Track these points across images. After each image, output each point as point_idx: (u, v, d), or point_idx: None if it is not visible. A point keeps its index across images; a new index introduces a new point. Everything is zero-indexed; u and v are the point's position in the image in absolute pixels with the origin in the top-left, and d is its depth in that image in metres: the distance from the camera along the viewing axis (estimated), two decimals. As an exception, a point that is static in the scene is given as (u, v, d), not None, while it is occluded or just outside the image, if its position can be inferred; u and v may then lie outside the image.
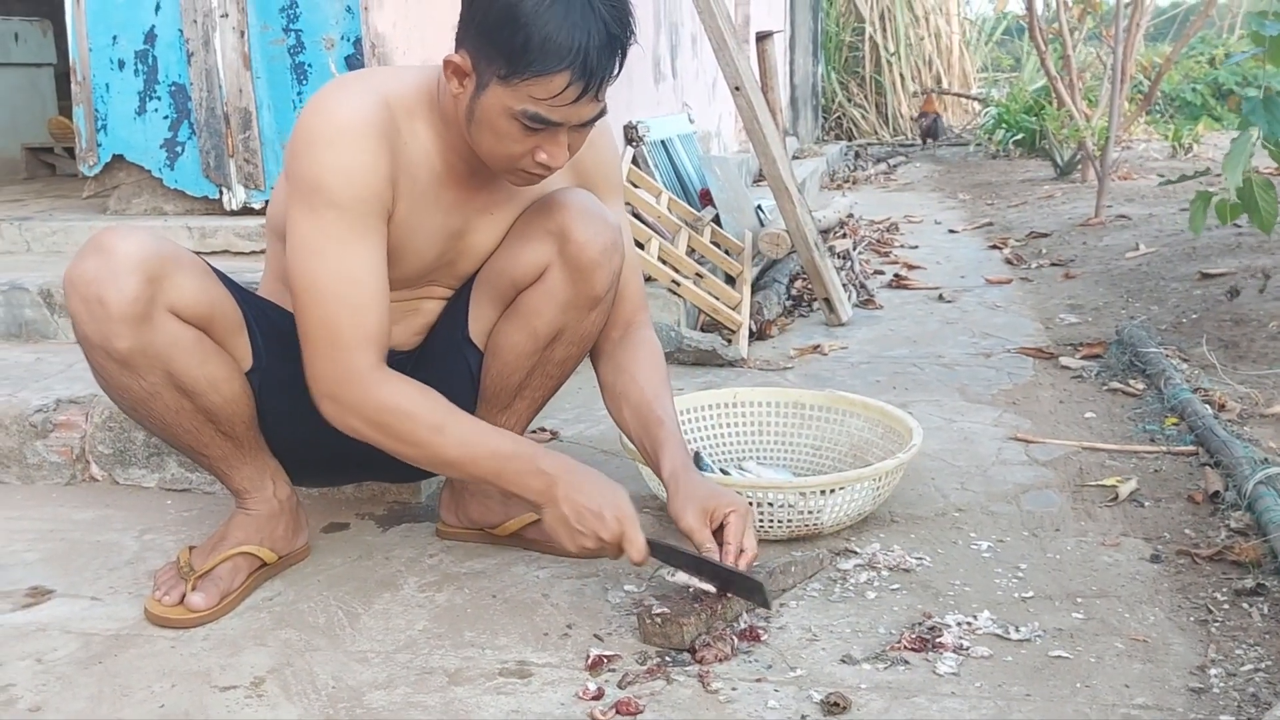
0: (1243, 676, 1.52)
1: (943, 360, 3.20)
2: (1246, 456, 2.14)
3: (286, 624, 1.74)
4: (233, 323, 1.77)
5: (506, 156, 1.66)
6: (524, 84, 1.56)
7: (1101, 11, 7.29)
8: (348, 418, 1.68)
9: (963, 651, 1.60)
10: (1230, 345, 3.11)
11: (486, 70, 1.59)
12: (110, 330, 1.62)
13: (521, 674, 1.58)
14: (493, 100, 1.60)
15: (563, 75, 1.55)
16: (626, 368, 1.93)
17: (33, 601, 1.83)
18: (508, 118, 1.60)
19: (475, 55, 1.60)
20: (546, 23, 1.53)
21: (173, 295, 1.66)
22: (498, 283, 1.87)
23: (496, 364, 1.91)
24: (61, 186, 4.51)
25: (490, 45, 1.57)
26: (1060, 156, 7.47)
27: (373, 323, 1.67)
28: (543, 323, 1.85)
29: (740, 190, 4.45)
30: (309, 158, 1.64)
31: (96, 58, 3.24)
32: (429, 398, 1.70)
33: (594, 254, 1.79)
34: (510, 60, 1.55)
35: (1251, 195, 2.93)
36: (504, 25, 1.54)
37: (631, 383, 1.91)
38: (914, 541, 1.99)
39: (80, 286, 1.62)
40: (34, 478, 2.34)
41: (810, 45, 10.66)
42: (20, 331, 2.83)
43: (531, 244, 1.82)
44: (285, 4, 3.10)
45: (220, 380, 1.74)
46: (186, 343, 1.69)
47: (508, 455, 1.69)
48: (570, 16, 1.54)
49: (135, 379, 1.68)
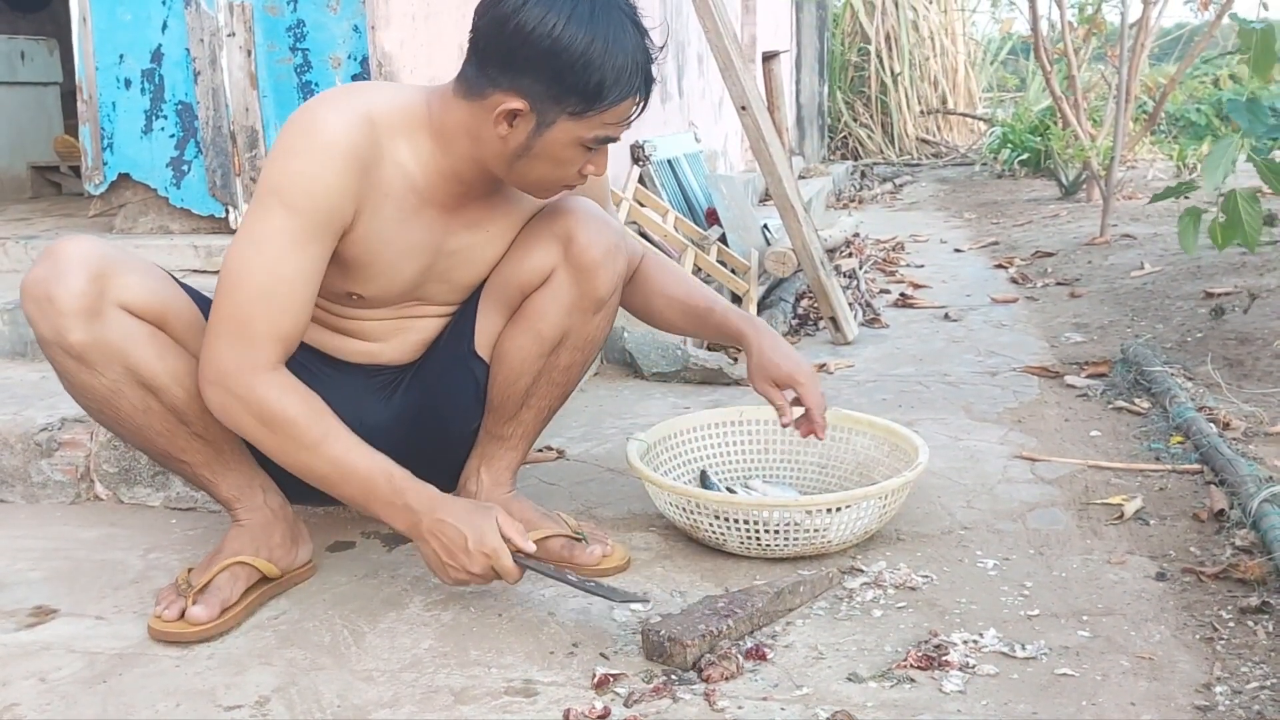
0: (1248, 694, 1.51)
1: (948, 379, 3.20)
2: (1251, 475, 2.14)
3: (291, 643, 1.73)
4: (189, 323, 1.78)
5: (560, 180, 1.76)
6: (598, 115, 1.66)
7: (1106, 32, 7.30)
8: (231, 411, 1.69)
9: (969, 669, 1.60)
10: (1235, 364, 3.10)
11: (553, 109, 1.66)
12: (61, 324, 1.66)
13: (527, 693, 1.57)
14: (560, 135, 1.68)
15: (631, 99, 1.69)
16: (653, 283, 2.09)
17: (37, 620, 1.83)
18: (575, 147, 1.70)
19: (535, 98, 1.65)
20: (615, 57, 1.63)
21: (122, 292, 1.70)
22: (504, 290, 1.90)
23: (503, 371, 1.92)
24: (67, 205, 4.53)
25: (558, 87, 1.63)
26: (1065, 176, 7.47)
27: (287, 326, 1.69)
28: (548, 325, 1.88)
29: (746, 209, 4.46)
30: (276, 163, 1.68)
31: (103, 76, 3.26)
32: (315, 409, 1.70)
33: (597, 255, 1.85)
34: (586, 98, 1.64)
35: (1236, 210, 2.92)
36: (575, 68, 1.62)
37: (664, 299, 2.09)
38: (920, 560, 1.99)
39: (30, 289, 1.68)
40: (38, 496, 2.34)
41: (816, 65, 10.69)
42: (26, 350, 2.83)
43: (537, 249, 1.87)
44: (292, 23, 3.11)
45: (182, 374, 1.75)
46: (141, 336, 1.71)
47: (376, 485, 1.71)
48: (625, 45, 1.64)
49: (95, 376, 1.71)
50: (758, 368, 2.05)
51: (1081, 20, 7.26)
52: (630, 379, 3.23)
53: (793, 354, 2.07)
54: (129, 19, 3.21)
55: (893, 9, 11.80)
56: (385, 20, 2.96)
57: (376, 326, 1.92)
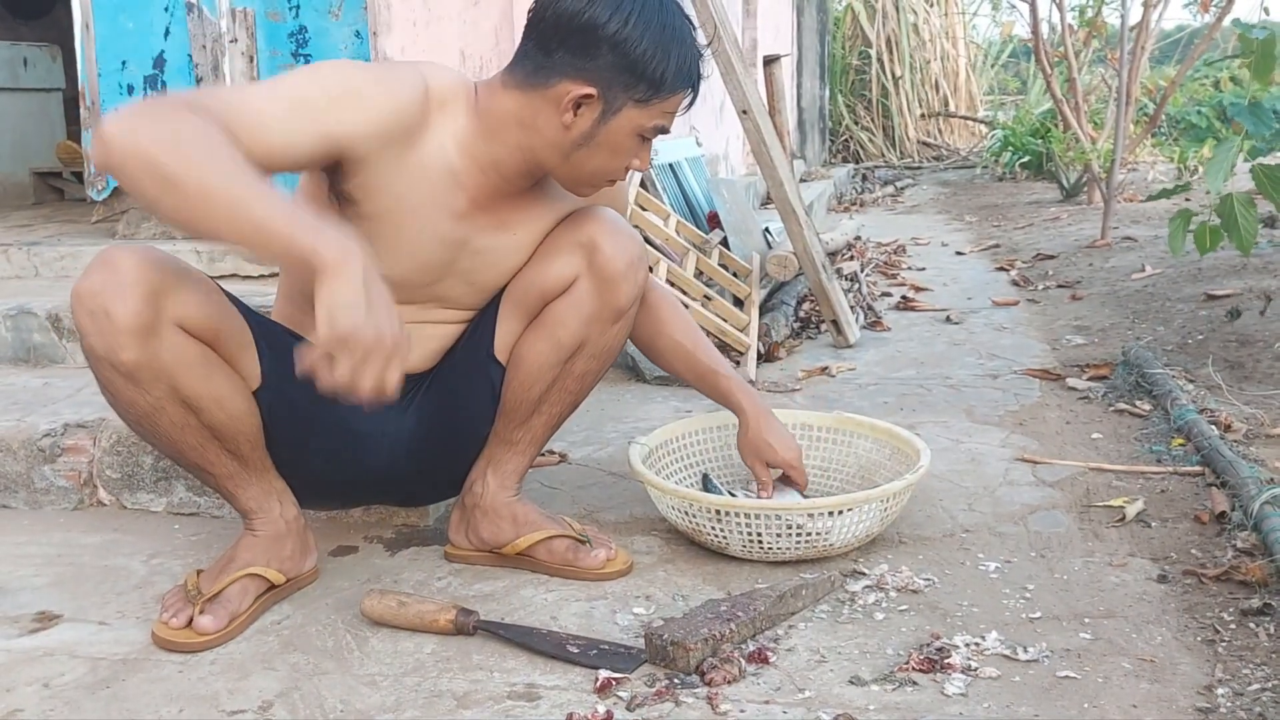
0: (1250, 696, 1.52)
1: (950, 381, 3.20)
2: (1252, 476, 2.14)
3: (295, 648, 1.74)
4: (240, 340, 1.78)
5: (613, 171, 1.82)
6: (660, 103, 1.75)
7: (1107, 34, 7.31)
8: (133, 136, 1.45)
9: (971, 672, 1.60)
10: (1236, 366, 3.11)
11: (621, 96, 1.73)
12: (116, 342, 1.63)
13: (530, 696, 1.58)
14: (624, 122, 1.75)
15: (687, 91, 1.79)
16: (660, 324, 2.10)
17: (40, 626, 1.83)
18: (634, 136, 1.77)
19: (605, 84, 1.72)
20: (679, 47, 1.74)
21: (178, 309, 1.67)
22: (526, 295, 1.91)
23: (519, 375, 1.93)
24: (70, 211, 4.53)
25: (630, 75, 1.71)
26: (1066, 179, 7.47)
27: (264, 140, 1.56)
28: (567, 333, 1.89)
29: (748, 213, 4.46)
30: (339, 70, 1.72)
31: (106, 82, 3.26)
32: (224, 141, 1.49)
33: (621, 266, 1.87)
34: (654, 85, 1.73)
35: (1231, 213, 2.92)
36: (645, 57, 1.71)
37: (671, 341, 2.12)
38: (922, 562, 1.99)
39: (86, 300, 1.63)
40: (42, 502, 2.34)
41: (817, 69, 10.70)
42: (29, 356, 2.84)
43: (561, 256, 1.88)
44: (294, 29, 3.12)
45: (225, 397, 1.75)
46: (191, 357, 1.70)
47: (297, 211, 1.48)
48: (684, 38, 1.76)
49: (141, 393, 1.69)
50: (751, 444, 2.12)
51: (1082, 23, 7.27)
52: (632, 382, 3.23)
53: (787, 437, 2.13)
54: (131, 26, 3.22)
55: (894, 12, 11.81)
56: (387, 26, 2.97)
57: None
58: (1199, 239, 3.02)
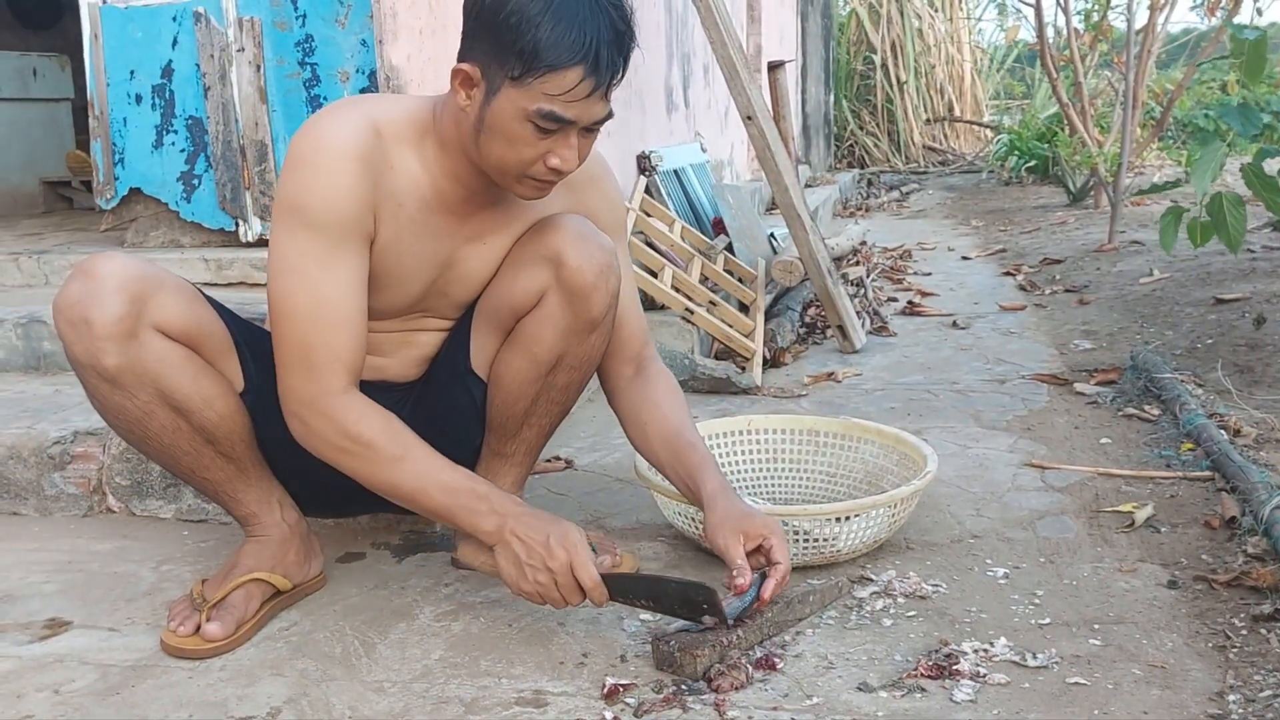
0: (1261, 703, 1.51)
1: (957, 387, 3.20)
2: (1263, 481, 2.14)
3: (303, 654, 1.74)
4: (221, 344, 1.79)
5: (519, 163, 1.68)
6: (538, 81, 1.60)
7: (1113, 38, 7.31)
8: (312, 438, 1.72)
9: (979, 679, 1.60)
10: (1245, 370, 3.10)
11: (498, 74, 1.62)
12: (97, 348, 1.65)
13: (538, 703, 1.58)
14: (505, 104, 1.63)
15: (575, 70, 1.60)
16: (647, 401, 1.97)
17: (50, 633, 1.84)
18: (521, 120, 1.63)
19: (485, 62, 1.64)
20: (559, 20, 1.58)
21: (157, 314, 1.69)
22: (497, 311, 1.88)
23: (500, 394, 1.91)
24: (79, 220, 4.55)
25: (501, 48, 1.60)
26: (1073, 183, 7.47)
27: (344, 344, 1.70)
28: (544, 349, 1.85)
29: (753, 218, 4.46)
30: (292, 179, 1.68)
31: (114, 92, 3.27)
32: (392, 428, 1.72)
33: (590, 277, 1.80)
34: (523, 59, 1.59)
35: (1221, 212, 2.93)
36: (516, 27, 1.58)
37: (655, 415, 1.95)
38: (930, 568, 1.99)
39: (66, 310, 1.66)
40: (51, 509, 2.35)
41: (822, 74, 10.71)
42: (39, 364, 2.84)
43: (528, 270, 1.83)
44: (301, 38, 3.12)
45: (214, 396, 1.76)
46: (175, 359, 1.71)
47: (459, 493, 1.72)
48: (579, 14, 1.59)
49: (128, 398, 1.70)
50: (722, 520, 1.78)
51: (1088, 27, 7.27)
52: (639, 389, 3.23)
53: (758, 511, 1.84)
54: (140, 35, 3.23)
55: (898, 17, 11.83)
56: (393, 35, 2.97)
57: (382, 340, 1.91)
58: (1192, 233, 3.03)
